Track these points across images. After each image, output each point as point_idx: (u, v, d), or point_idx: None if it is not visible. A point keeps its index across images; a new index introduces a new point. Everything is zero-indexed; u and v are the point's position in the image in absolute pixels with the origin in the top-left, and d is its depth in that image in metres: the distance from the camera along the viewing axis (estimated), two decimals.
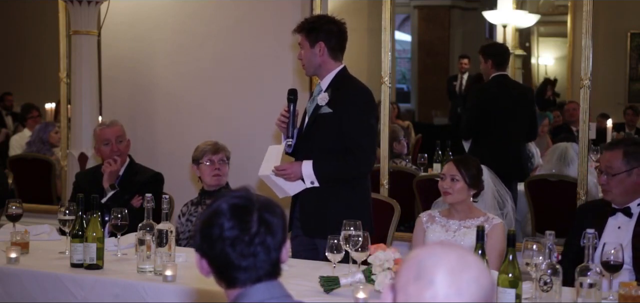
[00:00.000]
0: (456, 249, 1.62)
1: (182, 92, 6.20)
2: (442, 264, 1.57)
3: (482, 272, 1.59)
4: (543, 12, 10.37)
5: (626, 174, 3.59)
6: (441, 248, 1.62)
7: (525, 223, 6.03)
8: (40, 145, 7.39)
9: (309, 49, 3.96)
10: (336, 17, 4.07)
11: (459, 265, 1.57)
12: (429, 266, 1.57)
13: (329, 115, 3.92)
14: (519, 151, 5.95)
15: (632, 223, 3.62)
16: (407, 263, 1.61)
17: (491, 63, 5.97)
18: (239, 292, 1.95)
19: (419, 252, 1.62)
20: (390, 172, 5.87)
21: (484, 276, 1.59)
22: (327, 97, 3.94)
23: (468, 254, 1.61)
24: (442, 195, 3.94)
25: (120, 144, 4.76)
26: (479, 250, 2.86)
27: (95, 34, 6.14)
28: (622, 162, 3.60)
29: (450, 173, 3.86)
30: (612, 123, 6.90)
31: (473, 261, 1.60)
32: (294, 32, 4.07)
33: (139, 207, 4.32)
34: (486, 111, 5.93)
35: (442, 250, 1.61)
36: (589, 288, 2.87)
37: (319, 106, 3.95)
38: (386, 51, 5.73)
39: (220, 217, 1.94)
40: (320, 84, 4.03)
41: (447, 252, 1.60)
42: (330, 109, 3.91)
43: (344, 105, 3.90)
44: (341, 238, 3.29)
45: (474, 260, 1.61)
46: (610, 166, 3.62)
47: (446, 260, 1.57)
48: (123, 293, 3.35)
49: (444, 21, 11.39)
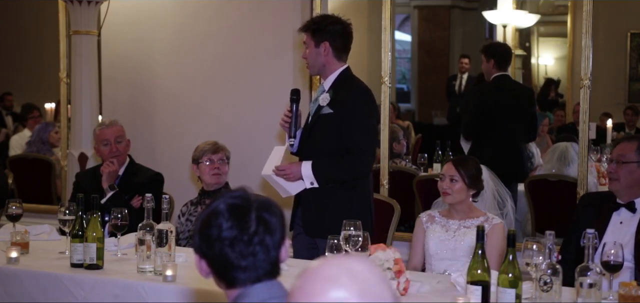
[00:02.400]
0: (330, 272, 1.54)
1: (182, 92, 6.19)
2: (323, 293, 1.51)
3: (362, 262, 1.55)
4: (543, 12, 10.37)
5: (637, 165, 3.60)
6: (319, 284, 1.53)
7: (525, 223, 6.03)
8: (40, 145, 7.39)
9: (313, 49, 3.96)
10: (342, 18, 4.05)
11: (351, 282, 1.51)
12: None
13: (330, 115, 3.92)
14: (518, 152, 5.94)
15: (636, 218, 3.61)
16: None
17: (493, 63, 5.95)
18: (238, 292, 1.95)
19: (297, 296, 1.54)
20: (390, 172, 5.87)
21: (367, 264, 1.55)
22: (328, 97, 3.94)
23: (342, 265, 1.55)
24: (441, 195, 3.95)
25: (120, 144, 4.76)
26: (479, 250, 2.86)
27: (95, 34, 6.14)
28: (635, 153, 3.62)
29: (449, 173, 3.87)
30: (612, 123, 6.90)
31: (355, 265, 1.54)
32: (299, 31, 4.07)
33: (139, 207, 4.32)
34: (486, 112, 5.92)
35: (322, 286, 1.52)
36: (589, 288, 2.87)
37: (321, 106, 3.96)
38: (386, 51, 5.73)
39: (219, 218, 1.94)
40: (323, 84, 4.03)
41: (327, 286, 1.52)
42: (331, 109, 3.92)
43: (344, 106, 3.90)
44: (341, 238, 3.29)
45: (349, 263, 1.55)
46: (623, 154, 3.63)
47: (337, 292, 1.51)
48: (123, 293, 3.35)
49: (444, 21, 11.39)
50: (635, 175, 3.61)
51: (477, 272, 2.85)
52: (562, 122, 8.45)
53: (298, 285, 1.56)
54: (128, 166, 4.80)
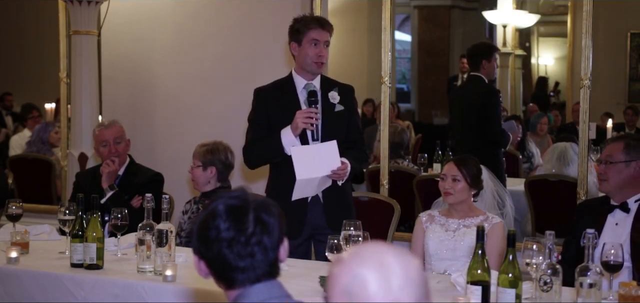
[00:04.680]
0: (374, 256, 1.62)
1: (182, 92, 6.19)
2: (367, 281, 1.59)
3: (407, 265, 1.61)
4: (543, 12, 10.37)
5: (624, 165, 3.61)
6: (358, 263, 1.61)
7: (525, 223, 6.03)
8: (40, 145, 7.39)
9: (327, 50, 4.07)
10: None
11: (383, 273, 1.59)
12: (356, 292, 1.59)
13: (342, 112, 4.04)
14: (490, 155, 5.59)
15: (629, 218, 3.63)
16: (335, 291, 1.63)
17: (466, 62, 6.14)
18: (238, 293, 1.95)
19: (342, 277, 1.62)
20: (390, 172, 5.87)
21: (410, 267, 1.61)
22: (337, 95, 4.04)
23: (387, 254, 1.62)
24: (443, 195, 3.93)
25: (119, 145, 4.76)
26: (479, 250, 2.86)
27: (95, 34, 6.14)
28: (623, 153, 3.63)
29: (452, 173, 3.85)
30: (612, 123, 6.90)
31: (394, 260, 1.61)
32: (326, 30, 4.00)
33: (139, 207, 4.32)
34: (453, 113, 6.09)
35: (360, 265, 1.61)
36: (589, 288, 2.87)
37: (333, 104, 4.02)
38: (386, 51, 5.72)
39: (216, 219, 1.94)
40: (312, 83, 4.02)
41: (366, 265, 1.60)
42: (342, 105, 4.04)
43: (350, 102, 4.11)
44: (341, 238, 3.29)
45: (394, 258, 1.62)
46: (610, 155, 3.66)
47: (369, 275, 1.59)
48: (123, 293, 3.35)
49: (444, 21, 11.40)
50: (624, 175, 3.63)
51: (477, 272, 2.85)
52: (559, 122, 8.47)
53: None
54: (128, 166, 4.80)
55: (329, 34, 4.02)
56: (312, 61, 3.98)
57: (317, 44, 3.96)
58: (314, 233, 4.02)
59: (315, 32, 3.97)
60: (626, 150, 3.64)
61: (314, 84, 4.02)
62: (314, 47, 3.96)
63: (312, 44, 3.96)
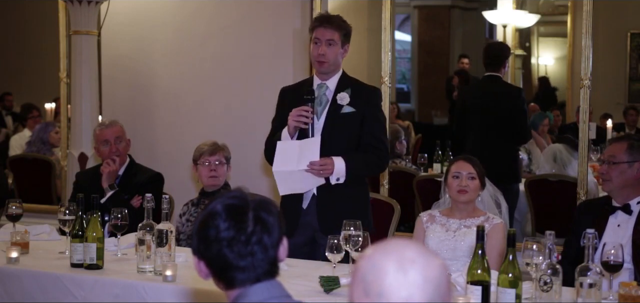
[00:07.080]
0: (395, 249, 1.63)
1: (182, 92, 6.19)
2: (384, 273, 1.59)
3: (426, 264, 1.61)
4: (543, 12, 10.37)
5: (627, 165, 3.61)
6: (380, 254, 1.63)
7: (525, 223, 6.04)
8: (40, 145, 7.39)
9: (339, 48, 3.98)
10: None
11: (401, 267, 1.59)
12: (372, 280, 1.60)
13: (351, 114, 3.97)
14: (506, 152, 5.80)
15: (632, 220, 3.62)
16: (355, 279, 1.65)
17: (483, 63, 6.07)
18: (238, 292, 1.95)
19: (362, 264, 1.64)
20: (390, 172, 5.87)
21: (430, 266, 1.61)
22: (347, 96, 3.98)
23: (408, 250, 1.63)
24: (455, 194, 3.82)
25: (119, 145, 4.76)
26: (479, 250, 2.86)
27: (95, 34, 6.14)
28: (626, 153, 3.62)
29: (467, 170, 3.80)
30: (612, 123, 6.91)
31: (415, 256, 1.61)
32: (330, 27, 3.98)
33: (139, 207, 4.32)
34: (469, 111, 5.98)
35: (381, 257, 1.62)
36: (589, 288, 2.87)
37: (340, 105, 3.97)
38: (386, 51, 5.73)
39: (216, 219, 1.94)
40: (325, 83, 4.01)
41: (386, 257, 1.61)
42: (353, 107, 3.96)
43: (366, 104, 4.00)
44: (341, 238, 3.29)
45: (415, 254, 1.62)
46: (613, 155, 3.64)
47: (387, 267, 1.60)
48: (123, 293, 3.35)
49: (444, 21, 11.40)
50: (627, 175, 3.62)
51: (477, 272, 2.85)
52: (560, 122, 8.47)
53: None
54: (128, 166, 4.80)
55: (332, 32, 3.96)
56: (314, 60, 3.99)
57: (318, 43, 3.95)
58: (315, 235, 4.01)
59: (316, 30, 3.98)
60: (629, 151, 3.63)
61: (328, 84, 4.01)
62: (315, 46, 3.96)
63: (314, 43, 3.97)
